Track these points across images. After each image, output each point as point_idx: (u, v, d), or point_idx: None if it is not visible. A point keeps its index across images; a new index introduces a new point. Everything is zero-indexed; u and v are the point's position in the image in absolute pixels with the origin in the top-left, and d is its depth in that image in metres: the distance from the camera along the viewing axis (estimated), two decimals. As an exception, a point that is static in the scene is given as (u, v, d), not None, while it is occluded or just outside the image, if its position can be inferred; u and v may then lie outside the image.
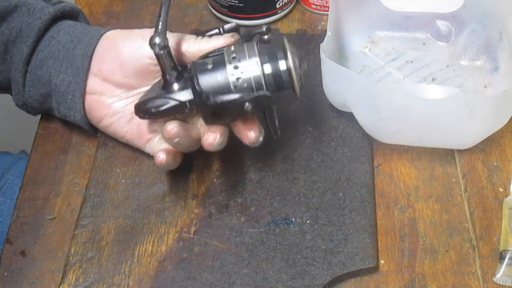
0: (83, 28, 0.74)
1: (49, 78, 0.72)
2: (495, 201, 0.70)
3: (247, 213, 0.70)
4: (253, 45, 0.66)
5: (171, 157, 0.67)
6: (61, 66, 0.71)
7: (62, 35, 0.73)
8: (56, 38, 0.72)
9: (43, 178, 0.74)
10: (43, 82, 0.72)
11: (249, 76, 0.65)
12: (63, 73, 0.71)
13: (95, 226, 0.69)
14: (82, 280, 0.66)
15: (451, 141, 0.73)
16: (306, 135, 0.75)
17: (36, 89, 0.73)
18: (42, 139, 0.77)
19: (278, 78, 0.66)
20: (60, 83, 0.72)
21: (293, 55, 0.66)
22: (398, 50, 0.83)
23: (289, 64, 0.66)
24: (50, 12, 0.72)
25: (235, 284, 0.65)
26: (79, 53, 0.71)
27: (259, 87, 0.65)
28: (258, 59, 0.65)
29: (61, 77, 0.71)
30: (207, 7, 0.90)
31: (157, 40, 0.65)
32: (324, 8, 0.89)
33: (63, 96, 0.72)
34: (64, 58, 0.71)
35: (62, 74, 0.71)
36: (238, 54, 0.65)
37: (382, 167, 0.74)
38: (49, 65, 0.72)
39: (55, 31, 0.73)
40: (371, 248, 0.67)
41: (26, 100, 0.74)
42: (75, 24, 0.74)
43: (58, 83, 0.72)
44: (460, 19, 0.81)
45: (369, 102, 0.70)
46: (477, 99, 0.70)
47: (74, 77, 0.71)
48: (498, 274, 0.65)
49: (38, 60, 0.72)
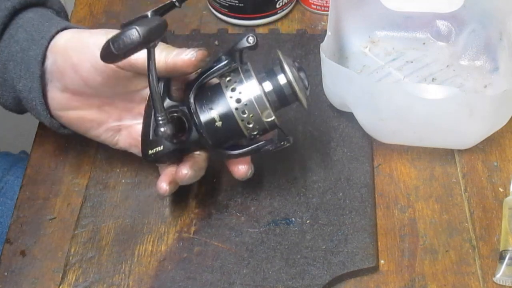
0: (39, 22, 0.68)
1: (12, 83, 0.68)
2: (495, 201, 0.70)
3: (247, 213, 0.70)
4: (247, 67, 0.64)
5: (172, 186, 0.66)
6: (20, 71, 0.67)
7: (20, 33, 0.67)
8: (15, 37, 0.67)
9: (43, 178, 0.74)
10: (10, 86, 0.68)
11: (250, 97, 0.63)
12: (24, 79, 0.67)
13: (95, 226, 0.69)
14: (82, 280, 0.66)
15: (451, 141, 0.73)
16: (306, 135, 0.75)
17: (7, 92, 0.69)
18: (42, 139, 0.77)
19: (281, 94, 0.64)
20: (23, 89, 0.67)
21: (290, 67, 0.64)
22: (398, 50, 0.83)
23: (288, 76, 0.63)
24: (7, 7, 0.67)
25: (235, 284, 0.65)
26: (32, 56, 0.66)
27: (262, 108, 0.63)
28: (256, 79, 0.63)
29: (22, 83, 0.67)
30: (207, 7, 0.90)
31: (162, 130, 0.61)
32: (324, 8, 0.89)
33: (29, 102, 0.68)
34: (22, 61, 0.67)
35: (23, 80, 0.67)
36: (233, 78, 0.64)
37: (382, 167, 0.74)
38: (10, 68, 0.67)
39: (15, 28, 0.68)
40: (371, 248, 0.67)
41: (3, 102, 0.71)
42: (33, 17, 0.68)
43: (21, 89, 0.67)
44: (460, 19, 0.81)
45: (369, 102, 0.70)
46: (477, 99, 0.70)
47: (32, 82, 0.66)
48: (498, 274, 0.65)
49: (1, 62, 0.68)
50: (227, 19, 0.88)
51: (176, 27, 0.88)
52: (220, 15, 0.89)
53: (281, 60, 0.64)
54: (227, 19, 0.88)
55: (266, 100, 0.63)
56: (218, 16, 0.89)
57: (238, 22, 0.88)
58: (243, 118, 0.63)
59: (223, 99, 0.63)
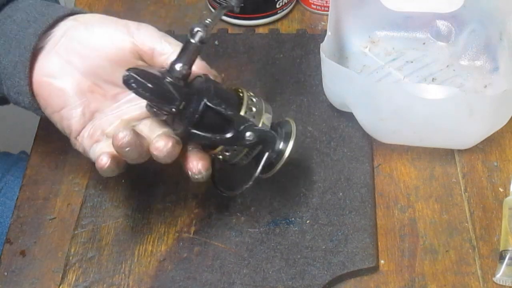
0: (44, 7, 0.65)
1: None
2: (495, 201, 0.70)
3: (247, 213, 0.70)
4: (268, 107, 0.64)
5: (114, 163, 0.61)
6: (11, 46, 0.63)
7: (19, 13, 0.65)
8: (12, 17, 0.65)
9: (43, 178, 0.74)
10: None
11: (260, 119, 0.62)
12: (11, 54, 0.63)
13: (95, 226, 0.69)
14: (82, 280, 0.66)
15: (451, 141, 0.73)
16: (306, 135, 0.75)
17: None
18: (42, 139, 0.77)
19: (275, 150, 0.63)
20: (8, 64, 0.63)
21: (294, 144, 0.63)
22: (398, 50, 0.83)
23: (286, 151, 0.63)
24: None
25: (235, 284, 0.65)
26: (30, 32, 0.63)
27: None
28: (270, 115, 0.63)
29: (9, 58, 0.63)
30: (207, 7, 0.90)
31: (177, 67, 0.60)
32: (324, 8, 0.89)
33: (11, 79, 0.64)
34: (15, 38, 0.63)
35: (10, 55, 0.63)
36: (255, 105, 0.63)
37: (382, 167, 0.74)
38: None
39: (13, 9, 0.65)
40: (371, 248, 0.67)
41: None
42: (36, 2, 0.66)
43: (6, 64, 0.64)
44: (460, 19, 0.81)
45: (369, 102, 0.70)
46: (477, 99, 0.70)
47: (20, 56, 0.63)
48: (498, 274, 0.65)
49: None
50: (227, 19, 0.88)
51: (176, 27, 0.88)
52: (220, 15, 0.89)
53: (292, 133, 0.64)
54: (227, 19, 0.88)
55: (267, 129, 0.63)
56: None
57: (238, 22, 0.88)
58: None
59: (236, 104, 0.62)
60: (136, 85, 0.58)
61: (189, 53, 0.61)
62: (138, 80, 0.58)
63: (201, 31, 0.61)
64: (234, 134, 0.61)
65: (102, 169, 0.61)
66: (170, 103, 0.60)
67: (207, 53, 0.83)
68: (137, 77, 0.58)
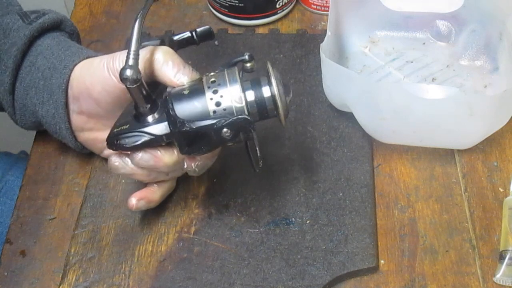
0: (59, 50, 0.70)
1: (34, 109, 0.70)
2: (495, 201, 0.70)
3: (247, 213, 0.70)
4: (234, 70, 0.62)
5: (143, 203, 0.67)
6: (43, 97, 0.69)
7: (40, 60, 0.70)
8: (36, 65, 0.70)
9: (43, 178, 0.74)
10: (31, 112, 0.71)
11: (230, 104, 0.61)
12: (46, 104, 0.69)
13: (95, 226, 0.69)
14: (82, 280, 0.66)
15: (451, 141, 0.73)
16: (306, 135, 0.75)
17: (26, 117, 0.72)
18: (42, 139, 0.77)
19: (262, 106, 0.62)
20: (45, 114, 0.70)
21: (278, 82, 0.62)
22: (398, 50, 0.83)
23: (273, 90, 0.61)
24: (26, 35, 0.69)
25: (235, 284, 0.65)
26: (55, 84, 0.69)
27: (240, 115, 0.60)
28: (240, 85, 0.61)
29: (45, 109, 0.70)
30: (207, 7, 0.90)
31: (128, 73, 0.60)
32: (324, 8, 0.89)
33: (52, 127, 0.71)
34: (44, 88, 0.69)
35: (45, 106, 0.69)
36: (217, 79, 0.62)
37: (382, 167, 0.74)
38: (32, 95, 0.70)
39: (34, 55, 0.70)
40: (371, 248, 0.67)
41: (22, 125, 0.73)
42: (51, 44, 0.71)
43: (44, 114, 0.70)
44: (460, 19, 0.81)
45: (369, 102, 0.70)
46: (477, 99, 0.70)
47: (56, 109, 0.69)
48: (498, 274, 0.65)
49: (22, 89, 0.70)
50: (227, 19, 0.88)
51: (176, 27, 0.88)
52: (220, 15, 0.89)
53: (269, 72, 0.62)
54: (227, 19, 0.88)
55: (246, 109, 0.61)
56: (218, 16, 0.89)
57: (238, 22, 0.88)
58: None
59: (202, 99, 0.61)
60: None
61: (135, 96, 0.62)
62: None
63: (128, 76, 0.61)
64: (216, 138, 0.61)
65: (132, 209, 0.67)
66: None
67: (207, 53, 0.83)
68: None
